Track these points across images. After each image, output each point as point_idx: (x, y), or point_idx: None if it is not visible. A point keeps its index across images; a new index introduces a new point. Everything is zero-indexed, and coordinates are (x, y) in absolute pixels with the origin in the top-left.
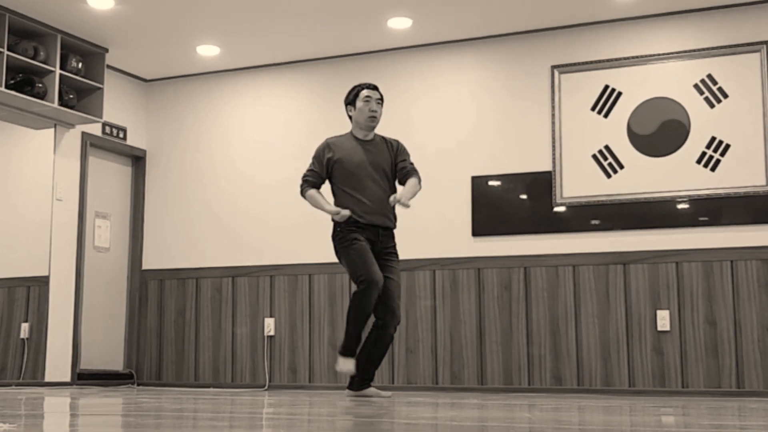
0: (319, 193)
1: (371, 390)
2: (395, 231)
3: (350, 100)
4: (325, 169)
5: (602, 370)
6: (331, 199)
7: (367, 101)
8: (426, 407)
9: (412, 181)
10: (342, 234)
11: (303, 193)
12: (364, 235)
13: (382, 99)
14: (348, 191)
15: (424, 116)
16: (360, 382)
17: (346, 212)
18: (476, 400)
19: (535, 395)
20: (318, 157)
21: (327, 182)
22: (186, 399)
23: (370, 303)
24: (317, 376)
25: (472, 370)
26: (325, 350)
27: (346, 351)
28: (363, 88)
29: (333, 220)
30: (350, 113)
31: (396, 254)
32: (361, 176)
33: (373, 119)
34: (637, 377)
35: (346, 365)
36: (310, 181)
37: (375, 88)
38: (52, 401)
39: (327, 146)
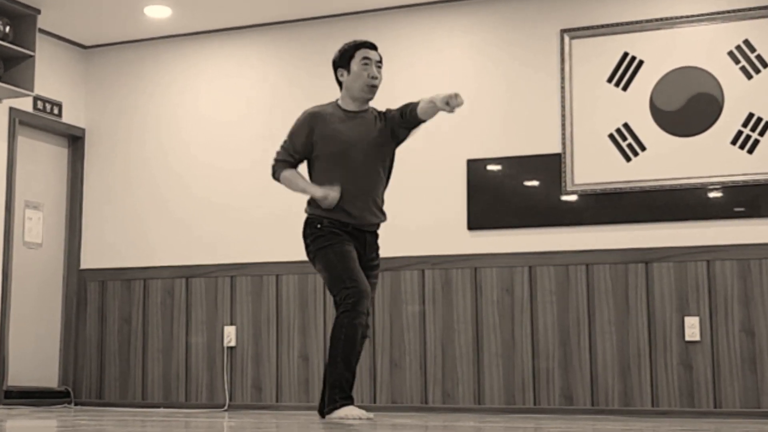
0: (298, 172)
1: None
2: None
3: (343, 62)
4: (306, 147)
5: (620, 387)
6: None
7: (366, 64)
8: (413, 431)
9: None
10: (320, 234)
11: (276, 175)
12: (350, 239)
13: (381, 61)
14: (333, 177)
15: (411, 89)
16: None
17: (336, 194)
18: (473, 422)
19: (541, 416)
20: (297, 132)
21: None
22: (132, 421)
23: (361, 324)
24: (285, 395)
25: (468, 388)
26: (295, 363)
27: (342, 394)
28: (360, 47)
29: (309, 213)
30: (341, 78)
31: (378, 265)
32: (353, 159)
33: (374, 88)
34: (662, 395)
35: (352, 411)
36: (286, 161)
37: (374, 47)
38: None
39: (310, 117)
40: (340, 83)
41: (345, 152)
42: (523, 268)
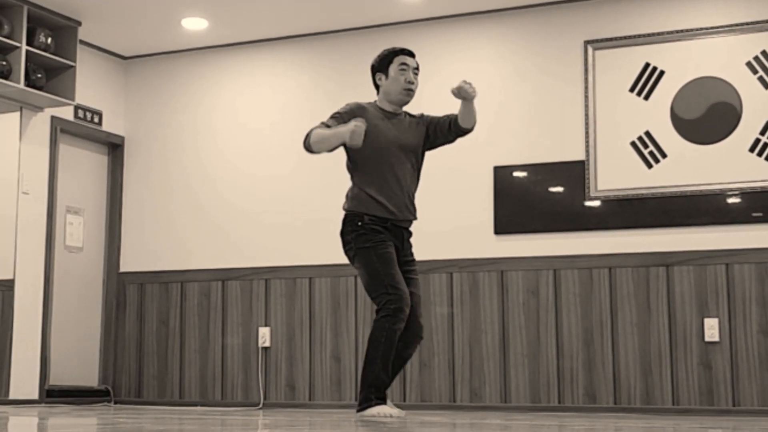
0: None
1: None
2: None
3: (382, 67)
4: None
5: (642, 386)
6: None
7: (403, 70)
8: (442, 428)
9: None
10: (362, 231)
11: (306, 141)
12: (389, 238)
13: (418, 68)
14: (373, 174)
15: (438, 98)
16: (366, 400)
17: (362, 123)
18: (499, 420)
19: (565, 414)
20: (343, 114)
21: (344, 161)
22: (169, 419)
23: (399, 329)
24: (318, 393)
25: (495, 387)
26: (327, 363)
27: (378, 394)
28: (398, 53)
29: (348, 209)
30: (379, 82)
31: (414, 260)
32: (392, 155)
33: (410, 92)
34: (682, 394)
35: (384, 410)
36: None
37: (412, 54)
38: (17, 422)
39: (357, 107)
40: (377, 86)
41: (386, 149)
42: (548, 271)
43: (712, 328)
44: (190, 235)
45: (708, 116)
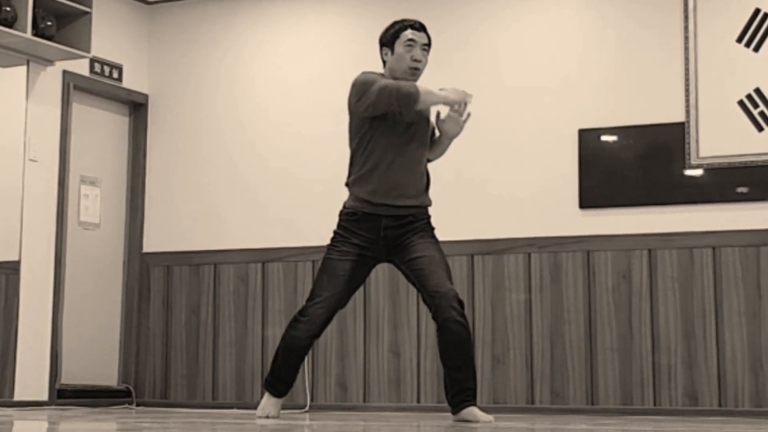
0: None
1: (468, 412)
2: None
3: (387, 41)
4: None
5: (751, 385)
6: None
7: (410, 46)
8: None
9: None
10: (333, 235)
11: (412, 90)
12: (360, 235)
13: (429, 44)
14: (373, 154)
15: (515, 50)
16: (454, 400)
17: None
18: (585, 425)
19: (661, 418)
20: (374, 77)
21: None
22: (201, 424)
23: (298, 339)
24: (374, 394)
25: (579, 386)
26: (384, 359)
27: (269, 386)
28: (405, 28)
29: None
30: (385, 58)
31: (428, 235)
32: (397, 132)
33: (416, 71)
34: None
35: (264, 407)
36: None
37: (422, 28)
38: (24, 427)
39: (380, 75)
40: (384, 62)
41: (393, 130)
42: (642, 251)
43: None
44: (225, 208)
45: None
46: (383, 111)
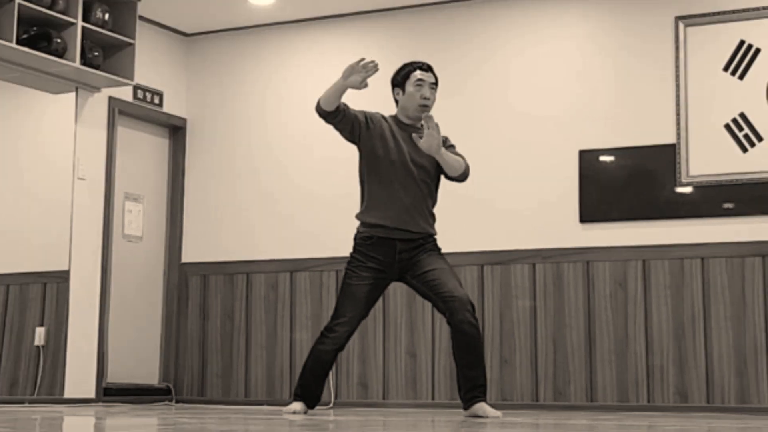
0: None
1: (478, 407)
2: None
3: (398, 82)
4: (356, 123)
5: (737, 384)
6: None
7: (419, 86)
8: (524, 429)
9: (455, 157)
10: (351, 259)
11: (317, 105)
12: (376, 259)
13: (436, 83)
14: (379, 186)
15: (523, 78)
16: (466, 396)
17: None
18: (585, 420)
19: (655, 414)
20: (363, 112)
21: (357, 177)
22: (234, 419)
23: (325, 353)
24: (393, 392)
25: (580, 385)
26: (402, 360)
27: (299, 399)
28: (415, 69)
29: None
30: (397, 97)
31: (436, 252)
32: (400, 168)
33: (425, 108)
34: None
35: (293, 406)
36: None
37: (429, 69)
38: (73, 422)
39: (374, 116)
40: (396, 101)
41: (396, 160)
42: (637, 261)
43: None
44: (257, 222)
45: None
46: (338, 129)
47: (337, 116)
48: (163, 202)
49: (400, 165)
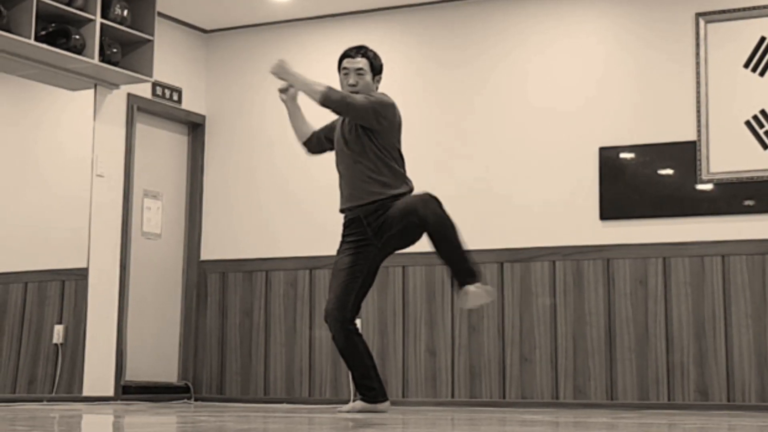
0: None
1: (463, 291)
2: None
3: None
4: (325, 139)
5: (757, 382)
6: None
7: (346, 74)
8: (544, 427)
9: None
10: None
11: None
12: (352, 234)
13: (367, 65)
14: (339, 177)
15: (543, 74)
16: (456, 282)
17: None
18: (605, 418)
19: (675, 412)
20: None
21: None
22: (254, 418)
23: (336, 343)
24: (412, 390)
25: (600, 383)
26: (421, 358)
27: (359, 391)
28: (343, 57)
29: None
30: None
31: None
32: (339, 152)
33: (354, 94)
34: None
35: (352, 405)
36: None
37: (355, 53)
38: (92, 420)
39: (335, 120)
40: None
41: (337, 146)
42: (657, 259)
43: None
44: (276, 220)
45: None
46: (325, 150)
47: (311, 145)
48: (182, 200)
49: (340, 150)
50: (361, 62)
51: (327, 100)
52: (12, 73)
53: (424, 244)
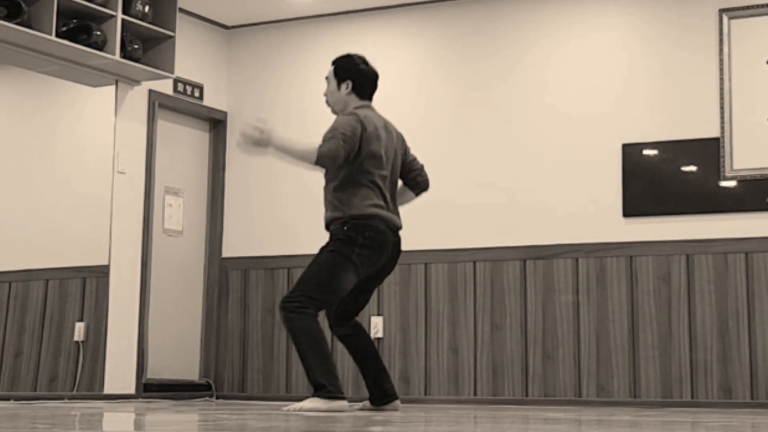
0: None
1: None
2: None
3: None
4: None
5: None
6: None
7: None
8: (567, 425)
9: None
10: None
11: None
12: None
13: (332, 72)
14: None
15: (565, 71)
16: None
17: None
18: (628, 416)
19: (699, 410)
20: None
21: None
22: (275, 416)
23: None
24: (434, 387)
25: (623, 380)
26: (444, 355)
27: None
28: None
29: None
30: None
31: (329, 243)
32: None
33: (327, 103)
34: None
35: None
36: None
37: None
38: (113, 418)
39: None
40: None
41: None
42: (681, 256)
43: None
44: (298, 217)
45: None
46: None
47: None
48: (204, 197)
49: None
50: (329, 71)
51: (319, 162)
52: (33, 70)
53: (445, 241)
